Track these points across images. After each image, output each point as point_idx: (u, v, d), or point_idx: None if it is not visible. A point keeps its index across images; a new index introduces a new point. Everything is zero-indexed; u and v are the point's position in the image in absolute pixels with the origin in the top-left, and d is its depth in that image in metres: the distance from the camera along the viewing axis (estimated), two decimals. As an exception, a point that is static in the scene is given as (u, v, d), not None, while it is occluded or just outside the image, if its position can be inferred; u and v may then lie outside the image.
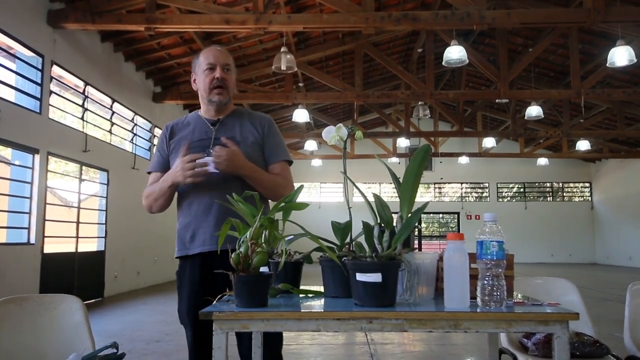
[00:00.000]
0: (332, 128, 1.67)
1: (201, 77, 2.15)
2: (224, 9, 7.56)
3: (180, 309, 2.12)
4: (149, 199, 2.17)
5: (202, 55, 2.17)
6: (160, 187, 2.11)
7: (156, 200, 2.14)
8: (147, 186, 2.20)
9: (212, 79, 2.11)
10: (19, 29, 6.70)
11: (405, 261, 1.42)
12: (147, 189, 2.18)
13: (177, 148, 2.13)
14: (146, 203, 2.19)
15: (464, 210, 21.89)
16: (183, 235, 2.13)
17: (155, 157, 2.23)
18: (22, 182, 6.92)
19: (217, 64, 2.12)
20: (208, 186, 2.04)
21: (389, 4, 10.77)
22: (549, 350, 2.15)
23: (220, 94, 2.13)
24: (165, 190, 2.09)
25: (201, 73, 2.14)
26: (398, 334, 5.41)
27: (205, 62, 2.13)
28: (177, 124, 2.24)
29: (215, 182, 2.03)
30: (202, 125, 2.17)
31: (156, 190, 2.13)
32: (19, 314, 1.98)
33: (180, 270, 2.15)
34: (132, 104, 10.25)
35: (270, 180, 2.10)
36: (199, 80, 2.17)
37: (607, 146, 16.98)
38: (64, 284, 7.60)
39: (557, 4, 9.92)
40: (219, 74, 2.11)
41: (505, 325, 1.33)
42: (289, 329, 1.34)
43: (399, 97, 11.89)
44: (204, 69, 2.13)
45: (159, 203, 2.15)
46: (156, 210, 2.19)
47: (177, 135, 2.19)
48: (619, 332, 2.43)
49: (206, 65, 2.12)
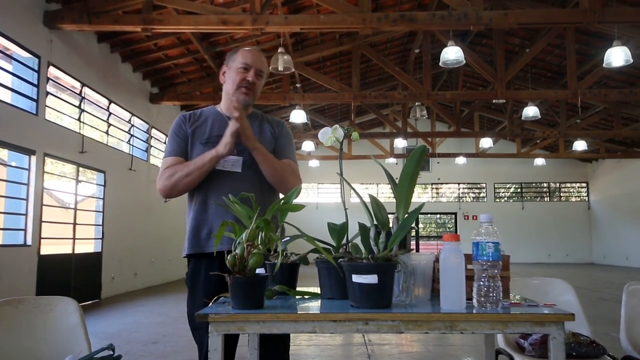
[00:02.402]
0: (328, 129, 1.67)
1: (232, 74, 2.15)
2: (221, 9, 7.56)
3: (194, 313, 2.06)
4: (173, 177, 2.04)
5: (241, 53, 2.16)
6: (197, 161, 2.03)
7: (187, 175, 2.02)
8: (162, 171, 2.09)
9: (243, 79, 2.12)
10: (15, 30, 6.68)
11: (402, 262, 1.42)
12: (172, 169, 2.06)
13: (196, 138, 2.12)
14: (169, 183, 2.05)
15: (461, 211, 21.92)
16: (197, 233, 2.06)
17: (175, 142, 2.14)
18: (19, 184, 6.90)
19: (252, 67, 2.13)
20: (225, 183, 2.04)
21: (386, 5, 10.78)
22: (545, 350, 2.14)
23: (247, 95, 2.13)
24: (204, 164, 2.01)
25: (234, 69, 2.14)
26: (395, 334, 5.41)
27: (241, 61, 2.13)
28: (192, 115, 2.21)
29: (233, 180, 2.05)
30: (222, 121, 2.15)
31: (190, 166, 2.03)
32: (15, 316, 1.98)
33: (194, 270, 2.07)
34: (129, 105, 10.23)
35: (278, 162, 2.12)
36: (229, 75, 2.16)
37: (603, 146, 17.03)
38: (60, 285, 7.58)
39: (554, 4, 9.95)
40: (251, 77, 2.12)
41: (501, 327, 1.33)
42: (285, 330, 1.34)
43: (396, 97, 11.89)
44: (238, 67, 2.13)
45: (190, 179, 2.03)
46: (181, 189, 2.06)
47: (194, 126, 2.16)
48: (616, 332, 2.44)
49: (241, 65, 2.12)
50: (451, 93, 11.83)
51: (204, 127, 2.15)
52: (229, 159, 2.06)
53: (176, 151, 2.12)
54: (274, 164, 2.09)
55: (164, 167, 2.09)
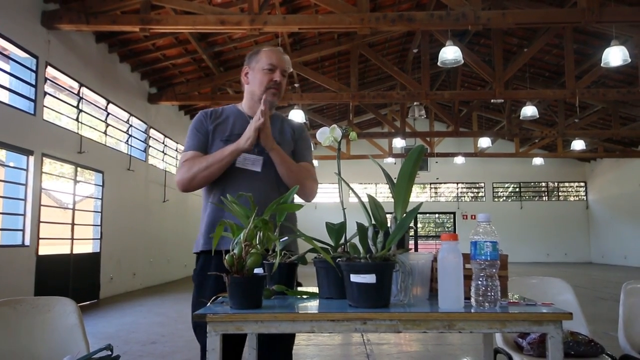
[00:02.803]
0: (326, 129, 1.67)
1: (258, 75, 2.14)
2: (219, 9, 7.56)
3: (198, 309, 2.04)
4: (192, 170, 2.03)
5: (265, 54, 2.16)
6: (217, 154, 2.03)
7: (207, 168, 2.01)
8: (182, 164, 2.08)
9: (270, 80, 2.12)
10: (13, 30, 6.67)
11: (400, 262, 1.42)
12: (191, 162, 2.05)
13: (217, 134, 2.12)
14: (187, 175, 2.03)
15: (459, 210, 21.94)
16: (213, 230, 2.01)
17: (195, 137, 2.13)
18: (17, 184, 6.89)
19: (278, 67, 2.13)
20: (243, 182, 2.04)
21: (384, 5, 10.78)
22: (543, 349, 2.14)
23: (274, 95, 2.13)
24: (224, 157, 2.01)
25: (259, 70, 2.13)
26: (394, 334, 5.41)
27: (267, 61, 2.13)
28: (214, 112, 2.20)
29: (251, 178, 2.05)
30: (243, 120, 2.15)
31: (209, 159, 2.02)
32: (13, 317, 1.97)
33: (203, 267, 2.03)
34: (127, 105, 10.23)
35: (295, 164, 2.13)
36: (254, 76, 2.15)
37: (601, 146, 17.05)
38: (59, 285, 7.57)
39: (552, 4, 9.96)
40: (278, 78, 2.13)
41: (499, 326, 1.33)
42: (283, 330, 1.33)
43: (394, 97, 11.90)
44: (264, 68, 2.12)
45: (208, 172, 2.02)
46: (200, 182, 2.04)
47: (215, 123, 2.15)
48: (614, 331, 2.44)
49: (267, 65, 2.12)
50: (449, 93, 11.84)
51: (225, 124, 2.15)
52: (249, 157, 2.06)
53: (196, 146, 2.11)
54: (291, 166, 2.09)
55: (183, 160, 2.08)
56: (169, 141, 12.72)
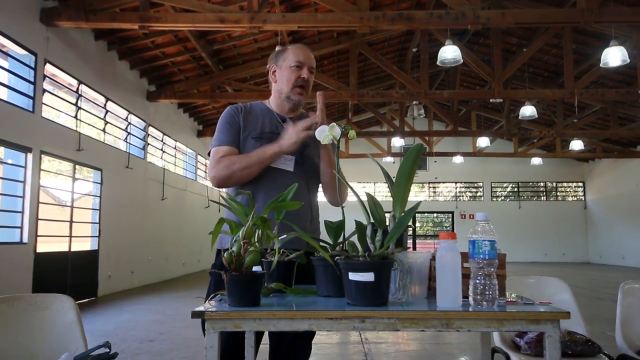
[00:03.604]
0: (326, 127, 1.67)
1: (285, 72, 2.15)
2: (218, 7, 7.55)
3: None
4: (232, 167, 2.02)
5: (292, 51, 2.16)
6: (259, 154, 2.03)
7: (247, 168, 2.02)
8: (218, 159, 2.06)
9: (298, 77, 2.13)
10: (12, 27, 6.66)
11: (398, 260, 1.42)
12: (229, 158, 2.05)
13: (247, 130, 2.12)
14: (226, 172, 2.03)
15: (458, 210, 21.95)
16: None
17: (229, 131, 2.12)
18: (15, 181, 6.88)
19: (305, 64, 2.14)
20: (273, 182, 2.05)
21: (383, 4, 10.78)
22: (541, 349, 2.15)
23: (301, 94, 2.16)
24: (265, 159, 2.02)
25: (287, 68, 2.14)
26: (392, 333, 5.42)
27: (294, 59, 2.14)
28: (244, 108, 2.20)
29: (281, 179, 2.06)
30: (272, 118, 2.17)
31: (251, 159, 2.02)
32: (10, 314, 1.97)
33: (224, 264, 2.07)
34: (126, 103, 10.21)
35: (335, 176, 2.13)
36: (281, 74, 2.16)
37: (600, 146, 17.08)
38: (57, 283, 7.56)
39: (551, 4, 9.97)
40: (305, 75, 2.14)
41: (497, 325, 1.33)
42: (281, 328, 1.34)
43: (393, 96, 11.90)
44: (291, 65, 2.13)
45: (248, 172, 2.03)
46: (237, 180, 2.05)
47: (246, 118, 2.15)
48: (611, 330, 2.45)
49: (295, 63, 2.13)
50: (448, 92, 11.84)
51: (255, 121, 2.15)
52: (282, 157, 2.07)
53: (230, 141, 2.10)
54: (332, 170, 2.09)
55: (219, 156, 2.06)
56: (167, 139, 12.71)
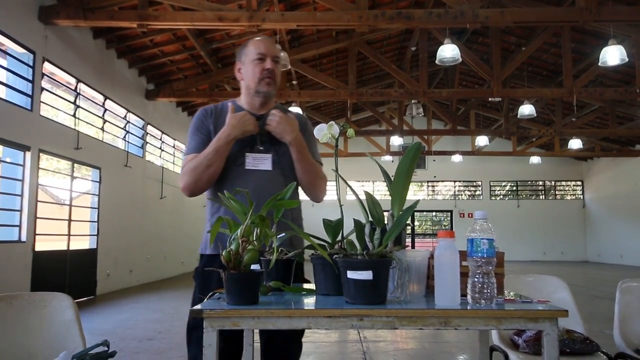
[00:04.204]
0: (324, 126, 1.67)
1: (250, 67, 2.08)
2: (217, 6, 7.54)
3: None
4: (196, 171, 1.97)
5: (252, 44, 2.09)
6: (215, 147, 1.96)
7: (209, 166, 1.96)
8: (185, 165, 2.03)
9: (262, 69, 2.05)
10: (10, 25, 6.65)
11: (396, 259, 1.42)
12: (191, 163, 1.99)
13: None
14: (191, 179, 1.98)
15: (457, 208, 21.97)
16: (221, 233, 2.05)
17: (197, 138, 2.06)
18: (13, 180, 6.87)
19: (267, 55, 2.06)
20: (252, 183, 1.97)
21: (382, 2, 10.78)
22: (539, 347, 2.15)
23: (269, 85, 2.07)
24: (220, 148, 1.95)
25: (250, 62, 2.07)
26: (390, 331, 5.42)
27: (255, 51, 2.06)
28: (214, 109, 2.13)
29: (260, 179, 2.00)
30: None
31: (208, 155, 1.96)
32: (8, 312, 1.97)
33: (207, 266, 1.98)
34: (125, 102, 10.20)
35: (312, 162, 2.08)
36: (247, 70, 2.09)
37: (598, 145, 17.10)
38: (55, 282, 7.56)
39: (550, 3, 9.97)
40: (269, 65, 2.06)
41: (495, 323, 1.33)
42: (279, 326, 1.34)
43: (392, 95, 11.89)
44: (254, 59, 2.06)
45: (212, 170, 1.96)
46: (206, 181, 1.98)
47: (217, 121, 2.08)
48: (609, 329, 2.45)
49: (256, 55, 2.06)
50: (447, 91, 11.84)
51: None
52: (258, 157, 2.02)
53: (199, 148, 2.03)
54: (308, 164, 2.05)
55: (185, 165, 2.03)
56: (166, 138, 12.70)
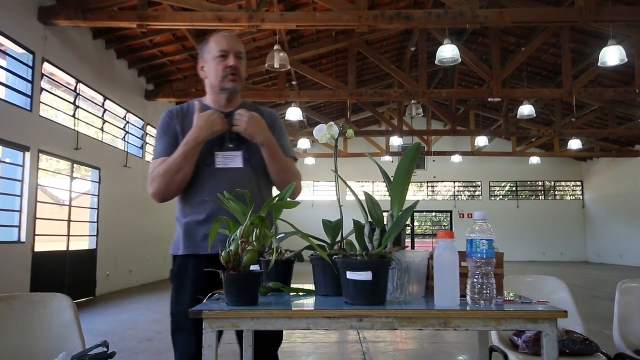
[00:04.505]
0: (324, 126, 1.67)
1: (212, 65, 2.01)
2: (217, 6, 7.54)
3: (178, 311, 1.90)
4: (165, 176, 1.90)
5: (214, 41, 2.02)
6: (183, 152, 1.90)
7: (179, 171, 1.90)
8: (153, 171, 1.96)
9: (225, 67, 1.99)
10: (10, 26, 6.65)
11: (396, 259, 1.42)
12: (160, 169, 1.93)
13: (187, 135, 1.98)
14: (160, 185, 1.92)
15: (456, 209, 21.97)
16: (193, 233, 1.94)
17: (163, 141, 1.99)
18: (13, 180, 6.87)
19: (230, 51, 1.99)
20: (224, 182, 1.92)
21: (382, 3, 10.78)
22: (539, 348, 2.15)
23: (234, 81, 2.01)
24: (189, 152, 1.89)
25: (212, 60, 2.01)
26: (390, 332, 5.42)
27: (217, 48, 2.00)
28: (180, 110, 2.06)
29: (232, 178, 1.95)
30: None
31: (177, 160, 1.89)
32: (8, 313, 1.97)
33: (181, 269, 1.96)
34: (125, 102, 10.20)
35: (285, 160, 2.04)
36: (209, 67, 2.02)
37: (598, 145, 17.10)
38: (55, 282, 7.56)
39: (550, 3, 9.97)
40: (232, 62, 1.99)
41: (495, 324, 1.33)
42: (279, 327, 1.34)
43: (392, 95, 11.90)
44: (216, 56, 1.99)
45: (182, 174, 1.91)
46: (175, 189, 1.93)
47: (184, 122, 2.02)
48: (609, 329, 2.45)
49: (218, 52, 1.99)
50: (447, 91, 11.84)
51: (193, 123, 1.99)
52: (229, 155, 1.96)
53: (167, 151, 1.96)
54: (282, 163, 2.01)
55: (153, 171, 1.96)
56: (166, 138, 12.69)
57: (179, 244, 1.98)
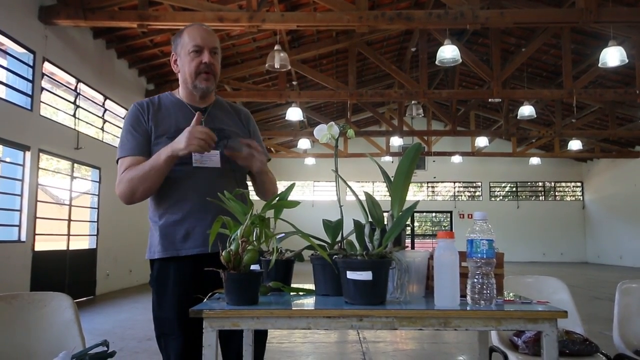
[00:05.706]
0: (324, 126, 1.67)
1: (185, 60, 1.92)
2: (217, 6, 7.54)
3: (162, 316, 1.85)
4: (132, 182, 1.82)
5: (188, 34, 1.92)
6: (153, 163, 1.80)
7: (145, 180, 1.80)
8: (122, 172, 1.86)
9: (199, 63, 1.90)
10: (10, 25, 6.65)
11: (396, 259, 1.42)
12: (128, 173, 1.84)
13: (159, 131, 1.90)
14: (126, 188, 1.83)
15: (456, 209, 21.97)
16: (172, 234, 1.87)
17: (132, 138, 1.88)
18: (13, 180, 6.88)
19: (204, 47, 1.90)
20: (203, 181, 1.87)
21: (382, 3, 10.78)
22: (539, 348, 2.15)
23: (208, 80, 1.92)
24: (159, 165, 1.79)
25: (185, 55, 1.91)
26: (390, 332, 5.42)
27: (191, 43, 1.90)
28: (150, 104, 1.96)
29: (210, 176, 1.89)
30: (187, 112, 1.94)
31: (146, 169, 1.80)
32: (8, 312, 1.97)
33: (161, 272, 1.89)
34: (125, 101, 10.20)
35: (272, 177, 2.04)
36: (183, 62, 1.93)
37: (598, 146, 17.10)
38: (55, 281, 7.56)
39: (550, 4, 9.97)
40: (207, 59, 1.90)
41: (495, 323, 1.33)
42: (279, 326, 1.34)
43: (392, 96, 11.90)
44: (190, 51, 1.90)
45: (148, 184, 1.82)
46: (140, 196, 1.84)
47: (156, 117, 1.92)
48: (609, 330, 2.45)
49: (192, 47, 1.90)
50: (447, 92, 11.84)
51: (167, 117, 1.93)
52: (206, 155, 1.87)
53: (134, 149, 1.86)
54: (269, 181, 2.00)
55: (123, 170, 1.86)
56: (166, 138, 12.70)
57: (156, 246, 1.91)
